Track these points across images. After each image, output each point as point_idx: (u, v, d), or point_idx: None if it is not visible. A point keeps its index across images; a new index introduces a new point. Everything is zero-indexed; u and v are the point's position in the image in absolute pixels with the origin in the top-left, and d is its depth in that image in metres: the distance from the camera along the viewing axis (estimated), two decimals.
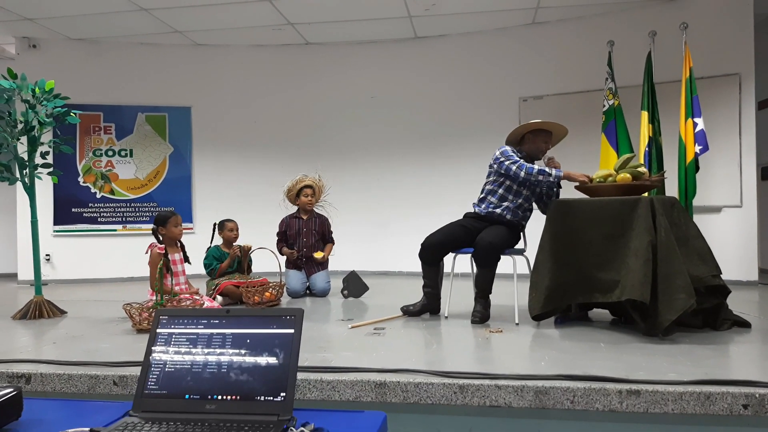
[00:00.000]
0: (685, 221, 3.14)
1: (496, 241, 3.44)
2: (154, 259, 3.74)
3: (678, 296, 2.80)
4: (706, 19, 5.28)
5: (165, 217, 3.89)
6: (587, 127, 5.65)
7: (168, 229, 3.86)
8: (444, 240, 3.63)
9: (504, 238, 3.52)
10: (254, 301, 4.19)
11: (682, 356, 2.51)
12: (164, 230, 3.86)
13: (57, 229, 6.38)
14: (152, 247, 3.82)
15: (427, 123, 6.39)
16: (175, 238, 3.91)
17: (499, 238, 3.48)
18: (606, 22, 5.71)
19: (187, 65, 6.62)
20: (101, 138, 6.53)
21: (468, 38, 6.33)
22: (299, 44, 6.64)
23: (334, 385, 2.22)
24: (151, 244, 3.85)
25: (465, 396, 2.13)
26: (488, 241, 3.43)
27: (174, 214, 3.93)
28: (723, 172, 5.22)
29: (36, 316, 3.87)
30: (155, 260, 3.72)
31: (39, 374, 2.43)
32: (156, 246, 3.82)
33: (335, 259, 5.43)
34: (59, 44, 6.35)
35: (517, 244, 3.68)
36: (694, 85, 4.78)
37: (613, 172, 3.38)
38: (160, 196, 6.62)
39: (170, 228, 3.87)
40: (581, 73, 5.80)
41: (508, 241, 3.56)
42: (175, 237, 3.90)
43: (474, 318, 3.49)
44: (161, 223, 3.87)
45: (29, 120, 3.90)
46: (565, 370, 2.25)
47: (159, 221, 3.88)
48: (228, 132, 6.71)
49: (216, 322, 1.20)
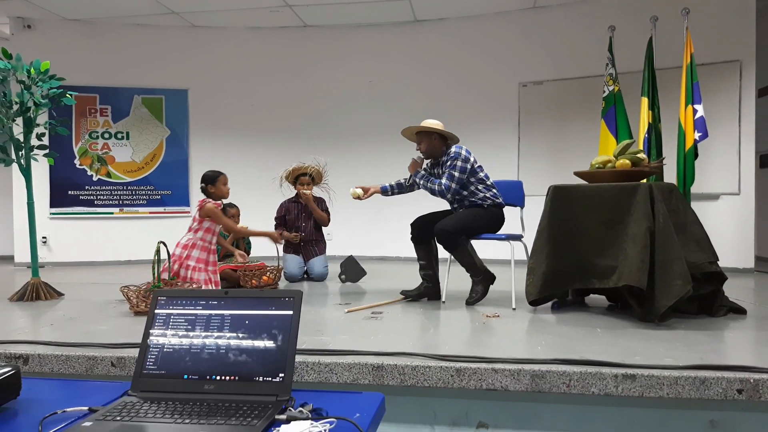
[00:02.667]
0: (683, 208, 3.14)
1: (448, 226, 3.47)
2: (212, 212, 3.76)
3: (675, 282, 2.81)
4: (708, 5, 5.23)
5: (214, 176, 3.91)
6: (587, 113, 5.64)
7: (217, 187, 3.89)
8: (429, 217, 3.73)
9: (465, 221, 3.53)
10: (252, 285, 4.19)
11: (677, 341, 2.52)
12: (213, 188, 3.88)
13: (53, 212, 6.35)
14: (204, 201, 3.83)
15: (426, 107, 6.33)
16: (224, 197, 3.95)
17: (457, 221, 3.51)
18: (607, 7, 5.66)
19: (183, 47, 6.56)
20: (97, 120, 6.48)
21: (468, 22, 6.27)
22: (297, 26, 6.57)
23: (331, 367, 2.22)
24: (202, 200, 3.85)
25: (462, 379, 2.14)
26: (440, 227, 3.48)
27: (222, 173, 3.96)
28: (722, 160, 5.22)
29: (33, 298, 3.87)
30: (214, 212, 3.76)
31: (37, 355, 2.43)
32: (209, 201, 3.82)
33: (333, 244, 5.44)
34: (54, 25, 6.27)
35: (497, 225, 3.67)
36: (694, 71, 4.75)
37: (612, 158, 3.37)
38: (156, 179, 6.59)
39: (219, 186, 3.89)
40: (581, 59, 5.76)
41: (471, 225, 3.55)
42: (224, 195, 3.94)
43: (467, 299, 3.58)
44: (210, 182, 3.89)
45: (25, 101, 3.86)
46: (561, 354, 2.26)
47: (208, 179, 3.90)
48: (225, 115, 6.67)
49: (215, 303, 1.20)
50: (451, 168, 3.53)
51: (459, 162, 3.52)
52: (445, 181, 3.54)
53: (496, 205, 3.64)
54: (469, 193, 3.61)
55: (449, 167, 3.54)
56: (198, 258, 3.78)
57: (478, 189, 3.61)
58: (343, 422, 0.98)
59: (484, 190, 3.62)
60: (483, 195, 3.61)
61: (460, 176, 3.53)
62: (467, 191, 3.61)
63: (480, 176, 3.62)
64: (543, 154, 6.02)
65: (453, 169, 3.53)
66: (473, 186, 3.60)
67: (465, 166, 3.54)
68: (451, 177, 3.53)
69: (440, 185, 3.55)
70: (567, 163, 5.34)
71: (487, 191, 3.62)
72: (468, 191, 3.61)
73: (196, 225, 3.81)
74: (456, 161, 3.53)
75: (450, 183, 3.53)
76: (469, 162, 3.56)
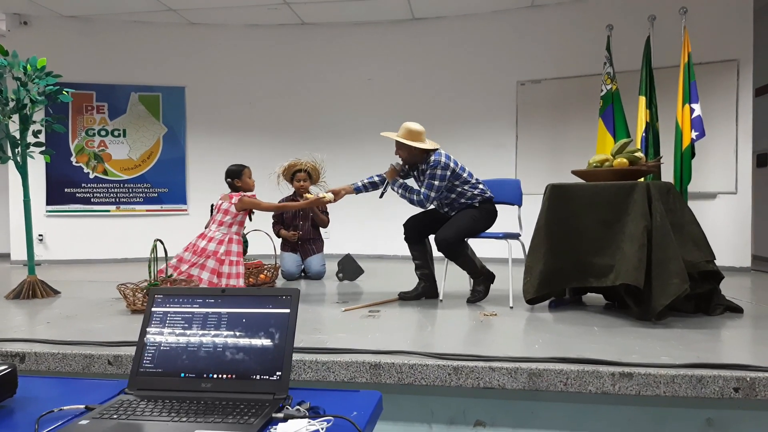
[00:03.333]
0: (680, 207, 3.14)
1: (449, 236, 3.46)
2: (252, 203, 3.82)
3: (672, 281, 2.81)
4: (706, 4, 5.24)
5: (239, 170, 3.96)
6: (585, 112, 5.64)
7: (243, 180, 3.93)
8: (422, 217, 3.74)
9: (464, 227, 3.52)
10: (249, 283, 4.19)
11: (674, 340, 2.53)
12: (240, 182, 3.92)
13: (50, 209, 6.33)
14: (235, 196, 3.85)
15: (424, 105, 6.34)
16: (250, 190, 3.98)
17: (457, 229, 3.50)
18: (605, 6, 5.66)
19: (181, 44, 6.54)
20: (94, 117, 6.45)
21: (466, 20, 6.26)
22: (295, 24, 6.56)
23: (329, 366, 2.22)
24: (231, 195, 3.88)
25: (459, 377, 2.15)
26: (441, 238, 3.46)
27: (245, 166, 4.00)
28: (719, 159, 5.23)
29: (29, 296, 3.86)
30: (254, 202, 3.83)
31: (33, 353, 2.42)
32: (243, 194, 3.86)
33: (331, 242, 5.43)
34: (51, 21, 6.24)
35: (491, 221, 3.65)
36: (692, 70, 4.76)
37: (610, 157, 3.38)
38: (153, 177, 6.57)
39: (245, 179, 3.95)
40: (579, 58, 5.76)
41: (470, 229, 3.55)
42: (250, 188, 3.97)
43: (468, 297, 3.61)
44: (237, 176, 3.93)
45: (21, 98, 3.84)
46: (558, 352, 2.27)
47: (234, 174, 3.95)
48: (223, 113, 6.65)
49: (212, 301, 1.20)
50: (431, 177, 3.49)
51: (438, 170, 3.48)
52: (424, 191, 3.51)
53: (486, 200, 3.63)
54: (457, 195, 3.59)
55: (428, 176, 3.50)
56: (237, 252, 3.84)
57: (465, 189, 3.58)
58: (340, 420, 0.98)
59: (470, 188, 3.59)
60: (472, 193, 3.58)
61: (439, 184, 3.49)
62: (455, 194, 3.59)
63: (464, 177, 3.58)
64: (541, 153, 6.02)
65: (433, 179, 3.49)
66: (459, 188, 3.58)
67: (444, 173, 3.49)
68: (431, 186, 3.49)
69: (419, 195, 3.52)
70: (565, 161, 5.34)
71: (474, 189, 3.60)
72: (456, 193, 3.59)
73: (230, 219, 3.82)
74: (435, 170, 3.48)
75: (429, 192, 3.50)
76: (449, 168, 3.51)
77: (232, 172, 4.00)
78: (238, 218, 3.86)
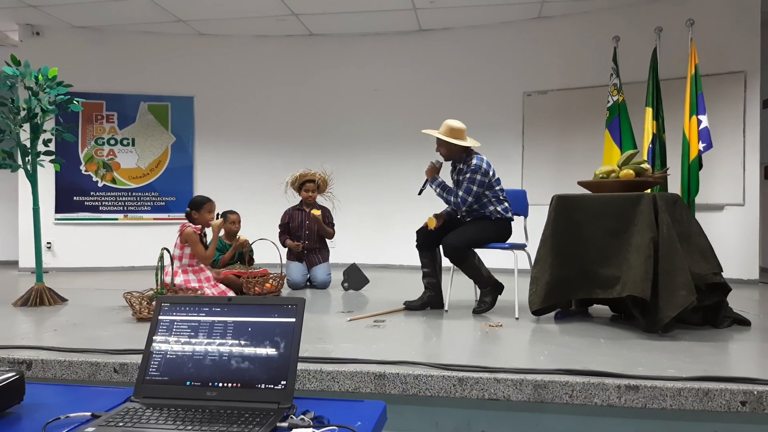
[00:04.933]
0: (687, 218, 3.14)
1: (456, 241, 3.48)
2: (190, 237, 3.79)
3: (679, 293, 2.80)
4: (713, 16, 5.24)
5: (201, 202, 3.94)
6: (591, 123, 5.64)
7: (201, 214, 3.92)
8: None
9: (472, 235, 3.53)
10: (255, 292, 4.20)
11: (681, 353, 2.51)
12: (197, 215, 3.92)
13: (58, 217, 6.38)
14: (184, 227, 3.85)
15: (430, 116, 6.33)
16: (205, 225, 3.97)
17: (465, 236, 3.51)
18: (612, 18, 5.67)
19: (190, 55, 6.60)
20: (103, 126, 6.52)
21: (473, 31, 6.30)
22: (303, 35, 6.61)
23: (333, 375, 2.22)
24: (183, 224, 3.88)
25: (464, 389, 2.14)
26: (448, 242, 3.48)
27: (210, 201, 3.99)
28: (726, 170, 5.21)
29: (37, 303, 3.88)
30: (192, 237, 3.78)
31: (40, 360, 2.44)
32: (189, 225, 3.85)
33: (336, 252, 5.44)
34: (62, 32, 6.33)
35: (504, 237, 3.66)
36: (699, 82, 4.76)
37: (617, 168, 3.37)
38: (161, 185, 6.62)
39: (203, 213, 3.93)
40: (586, 69, 5.77)
41: (478, 238, 3.56)
42: (206, 223, 3.96)
43: (474, 308, 3.60)
44: (197, 208, 3.92)
45: (32, 107, 3.89)
46: (564, 364, 2.26)
47: (195, 205, 3.94)
48: (231, 122, 6.70)
49: (218, 310, 1.21)
50: (470, 181, 3.52)
51: (478, 176, 3.51)
52: (462, 194, 3.53)
53: (504, 219, 3.64)
54: (480, 204, 3.62)
55: (468, 180, 3.52)
56: (198, 279, 3.82)
57: (491, 201, 3.61)
58: (344, 430, 0.98)
59: (496, 203, 3.62)
60: (494, 208, 3.61)
61: (477, 190, 3.52)
62: (479, 203, 3.62)
63: (496, 189, 3.62)
64: (547, 164, 6.02)
65: (472, 183, 3.51)
66: (486, 198, 3.61)
67: (484, 180, 3.53)
68: (469, 191, 3.52)
69: (456, 197, 3.55)
70: (571, 172, 5.33)
71: (498, 204, 3.62)
72: (480, 203, 3.62)
73: (179, 252, 3.83)
74: (476, 175, 3.51)
75: (467, 197, 3.52)
76: (488, 176, 3.56)
77: (194, 203, 3.96)
78: (186, 251, 3.82)
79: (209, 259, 3.90)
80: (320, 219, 4.84)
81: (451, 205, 3.61)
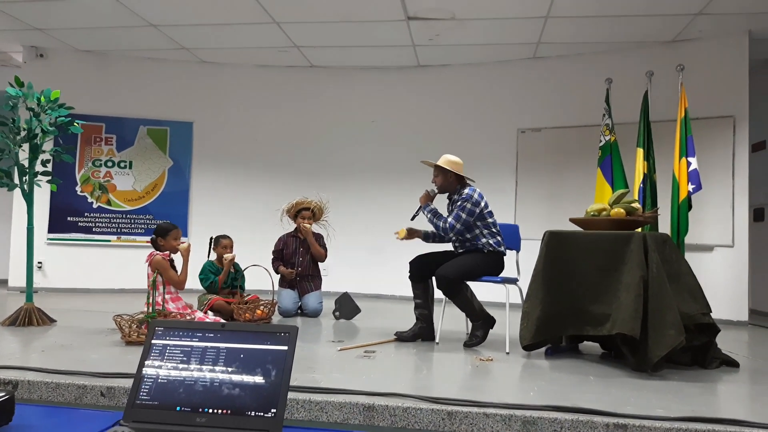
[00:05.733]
0: (676, 258, 3.18)
1: (449, 273, 3.50)
2: (160, 264, 3.74)
3: (668, 332, 2.82)
4: (703, 61, 5.40)
5: (167, 229, 3.91)
6: (584, 161, 5.73)
7: (167, 241, 3.89)
8: (428, 257, 3.78)
9: (465, 268, 3.56)
10: (245, 318, 4.18)
11: (670, 392, 2.52)
12: (164, 241, 3.88)
13: (51, 237, 6.36)
14: (152, 255, 3.82)
15: (426, 149, 6.42)
16: (172, 251, 3.93)
17: (458, 268, 3.54)
18: (604, 60, 5.83)
19: (191, 81, 6.70)
20: (102, 149, 6.56)
21: (470, 69, 6.44)
22: (303, 66, 6.74)
23: (322, 406, 2.21)
24: (151, 253, 3.85)
25: (453, 423, 2.13)
26: (441, 274, 3.51)
27: (175, 228, 3.96)
28: (716, 212, 5.28)
29: (25, 323, 3.85)
30: (162, 264, 3.73)
31: (26, 381, 2.41)
32: (157, 253, 3.82)
33: (329, 280, 5.43)
34: (66, 55, 6.42)
35: (496, 270, 3.68)
36: (689, 125, 4.87)
37: (608, 207, 3.43)
38: (156, 208, 6.63)
39: (170, 240, 3.90)
40: (579, 108, 5.90)
41: (472, 271, 3.58)
42: (173, 249, 3.92)
43: (465, 341, 3.61)
44: (162, 234, 3.89)
45: (33, 128, 3.93)
46: (553, 401, 2.26)
47: (161, 232, 3.91)
48: (229, 149, 6.76)
49: (211, 335, 1.22)
50: (460, 209, 3.58)
51: (468, 204, 3.58)
52: (451, 220, 3.59)
53: (496, 252, 3.67)
54: (472, 236, 3.66)
55: (458, 207, 3.60)
56: (176, 307, 3.78)
57: (483, 234, 3.65)
58: None
59: (488, 235, 3.66)
60: (486, 241, 3.65)
61: (466, 218, 3.58)
62: (471, 234, 3.66)
63: (488, 221, 3.67)
64: (540, 200, 6.09)
65: (462, 210, 3.58)
66: (478, 230, 3.65)
67: (474, 209, 3.59)
68: (458, 218, 3.58)
69: (445, 222, 3.61)
70: (563, 209, 5.40)
71: (491, 237, 3.66)
72: (472, 234, 3.66)
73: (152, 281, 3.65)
74: (466, 203, 3.58)
75: (455, 223, 3.58)
76: (479, 206, 3.61)
77: (160, 230, 3.92)
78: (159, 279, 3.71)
79: (183, 284, 3.83)
80: (310, 233, 4.85)
81: (440, 230, 3.65)
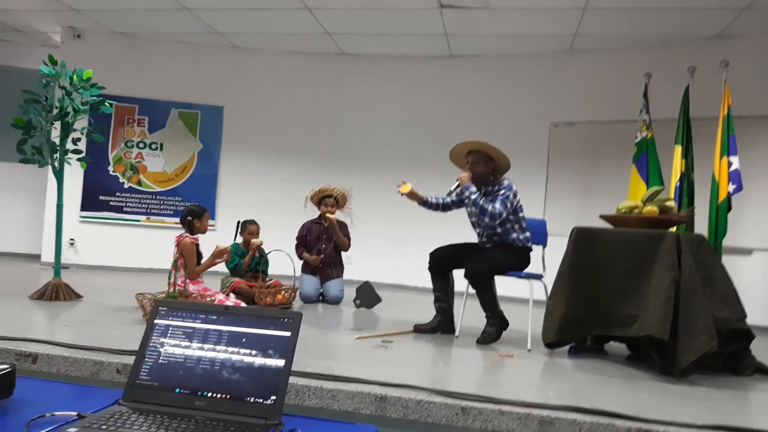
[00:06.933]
0: (711, 261, 3.04)
1: (481, 267, 3.44)
2: (187, 248, 3.78)
3: (699, 337, 2.70)
4: (748, 58, 5.15)
5: (201, 212, 3.97)
6: (618, 157, 5.55)
7: (202, 222, 3.94)
8: (449, 249, 3.71)
9: (496, 262, 3.50)
10: (266, 303, 4.19)
11: (698, 399, 2.41)
12: (199, 223, 3.93)
13: (83, 215, 6.50)
14: (182, 237, 3.86)
15: (455, 141, 6.30)
16: (203, 233, 3.98)
17: (489, 262, 3.48)
18: (644, 55, 5.62)
19: (223, 66, 6.73)
20: (134, 130, 6.65)
21: (503, 60, 6.29)
22: (334, 53, 6.69)
23: (334, 394, 2.18)
24: (181, 234, 3.88)
25: (467, 418, 2.08)
26: (472, 268, 3.45)
27: (206, 209, 4.02)
28: (756, 214, 5.07)
29: (52, 297, 3.93)
30: (188, 249, 3.77)
31: (46, 355, 2.45)
32: (187, 236, 3.86)
33: (351, 269, 5.41)
34: (102, 36, 6.51)
35: (523, 265, 3.60)
36: (731, 123, 4.66)
37: (640, 204, 3.29)
38: (185, 191, 6.71)
39: (204, 221, 3.95)
40: (615, 103, 5.71)
41: (502, 266, 3.52)
42: (204, 231, 3.98)
43: (478, 338, 3.48)
44: (198, 216, 3.94)
45: (65, 106, 3.99)
46: (573, 401, 2.18)
47: (196, 214, 3.95)
48: (257, 134, 6.78)
49: (214, 318, 1.19)
50: (504, 197, 3.47)
51: (511, 195, 3.49)
52: (499, 206, 3.43)
53: (525, 248, 3.60)
54: (503, 230, 3.57)
55: (502, 196, 3.47)
56: (197, 289, 3.80)
57: (513, 228, 3.57)
58: None
59: (518, 230, 3.58)
60: (516, 236, 3.57)
61: (509, 208, 3.49)
62: (502, 228, 3.57)
63: (519, 216, 3.59)
64: (570, 195, 5.93)
65: (506, 199, 3.47)
66: (509, 224, 3.57)
67: (514, 201, 3.52)
68: (504, 205, 3.45)
69: (494, 207, 3.42)
70: (594, 205, 5.23)
71: (521, 233, 3.59)
72: (503, 228, 3.57)
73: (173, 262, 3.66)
74: (509, 193, 3.49)
75: (503, 210, 3.44)
76: (516, 199, 3.55)
77: (193, 212, 3.93)
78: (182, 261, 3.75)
79: (197, 276, 3.85)
80: (335, 222, 4.83)
81: (485, 214, 3.42)
